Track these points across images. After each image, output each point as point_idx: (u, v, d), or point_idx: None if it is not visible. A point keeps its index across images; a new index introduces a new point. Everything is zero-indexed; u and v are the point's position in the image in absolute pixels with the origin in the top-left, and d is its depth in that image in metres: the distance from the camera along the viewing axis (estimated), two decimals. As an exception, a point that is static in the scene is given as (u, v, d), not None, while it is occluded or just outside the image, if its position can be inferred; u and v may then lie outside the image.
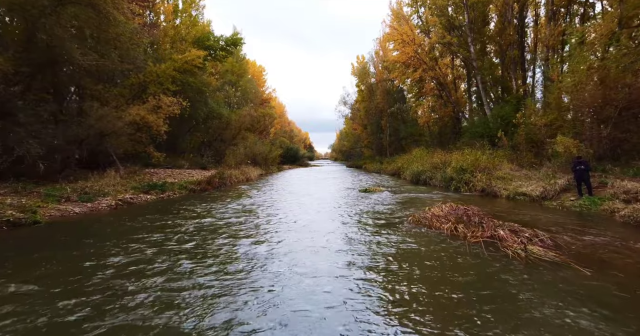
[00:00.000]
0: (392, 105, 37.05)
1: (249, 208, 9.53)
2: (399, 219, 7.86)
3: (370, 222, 7.53)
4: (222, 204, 10.29)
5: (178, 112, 14.25)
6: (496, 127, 20.28)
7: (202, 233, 6.47)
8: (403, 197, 11.97)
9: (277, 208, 9.68)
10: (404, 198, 11.67)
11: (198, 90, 19.91)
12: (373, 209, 9.33)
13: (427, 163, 18.20)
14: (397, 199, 11.36)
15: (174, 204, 10.26)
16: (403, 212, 8.74)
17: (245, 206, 10.00)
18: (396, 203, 10.49)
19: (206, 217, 8.06)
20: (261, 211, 9.12)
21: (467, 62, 24.32)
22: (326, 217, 8.27)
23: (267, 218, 8.08)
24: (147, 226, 7.06)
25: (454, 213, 8.26)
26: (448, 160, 16.98)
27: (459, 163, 14.12)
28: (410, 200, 11.23)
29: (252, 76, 41.67)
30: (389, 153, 36.62)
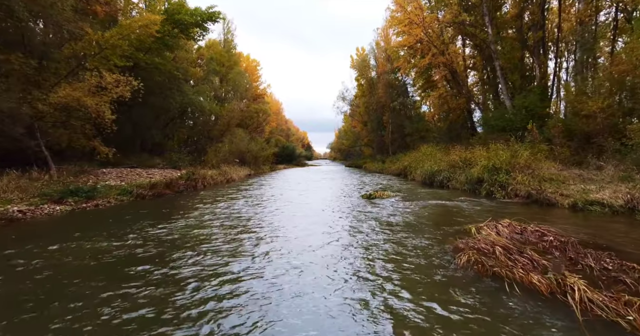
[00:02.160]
0: (395, 99, 33.79)
1: (193, 230, 6.22)
2: (435, 252, 4.56)
3: (389, 265, 4.21)
4: (165, 218, 6.98)
5: (128, 95, 10.91)
6: (520, 119, 17.04)
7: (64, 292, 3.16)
8: (421, 206, 8.66)
9: (239, 228, 6.36)
10: (423, 207, 8.36)
11: (169, 75, 16.58)
12: (385, 228, 6.02)
13: (442, 162, 14.90)
14: (415, 210, 8.05)
15: (86, 219, 6.95)
16: (434, 236, 5.43)
17: (196, 223, 6.69)
18: (416, 216, 7.18)
19: (106, 247, 4.76)
20: (211, 236, 5.81)
21: (481, 47, 21.04)
22: (315, 251, 4.95)
23: (211, 259, 4.77)
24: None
25: (522, 238, 4.98)
26: (469, 158, 13.70)
27: (490, 161, 10.81)
28: (433, 211, 7.92)
29: (245, 70, 38.38)
30: (391, 151, 33.31)
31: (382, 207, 8.52)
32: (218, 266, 4.05)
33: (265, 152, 30.40)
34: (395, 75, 33.82)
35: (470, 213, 7.41)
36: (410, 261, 4.21)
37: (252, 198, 10.08)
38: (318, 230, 6.00)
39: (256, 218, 7.01)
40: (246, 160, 25.41)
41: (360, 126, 43.17)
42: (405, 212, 7.75)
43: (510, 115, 17.88)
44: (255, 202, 9.38)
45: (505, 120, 17.87)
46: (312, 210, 8.13)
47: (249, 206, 8.55)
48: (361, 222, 6.63)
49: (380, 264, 4.13)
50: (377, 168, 29.30)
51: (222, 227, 6.27)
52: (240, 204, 8.75)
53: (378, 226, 6.23)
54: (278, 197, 10.01)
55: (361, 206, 8.70)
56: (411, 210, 7.92)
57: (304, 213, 7.67)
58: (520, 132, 16.37)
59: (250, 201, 9.38)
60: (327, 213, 7.61)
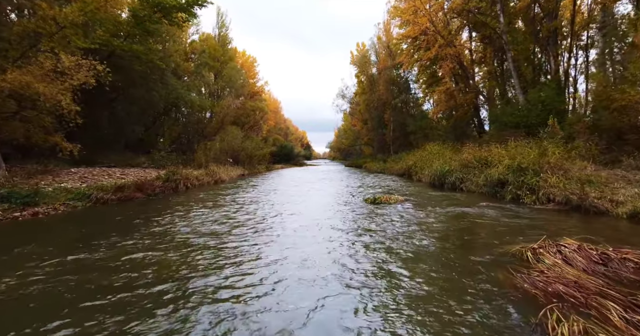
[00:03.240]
0: (397, 96, 32.18)
1: (135, 261, 4.59)
2: (487, 298, 2.92)
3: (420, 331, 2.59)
4: (108, 234, 5.35)
5: (92, 81, 9.26)
6: (535, 114, 15.46)
7: None
8: (439, 214, 7.04)
9: (201, 258, 4.74)
10: (441, 217, 6.74)
11: (152, 66, 14.93)
12: (403, 253, 4.40)
13: (453, 161, 13.29)
14: (433, 220, 6.43)
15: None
16: (472, 263, 3.80)
17: (144, 246, 5.06)
18: (436, 231, 5.55)
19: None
20: (157, 273, 4.19)
21: (491, 38, 19.43)
22: (304, 294, 3.33)
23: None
24: None
25: (609, 270, 3.39)
26: (485, 157, 12.09)
27: (515, 160, 9.18)
28: (456, 222, 6.29)
29: (241, 67, 36.72)
30: (392, 150, 31.70)
31: (391, 215, 6.89)
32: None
33: (261, 150, 28.76)
34: (397, 71, 32.24)
35: (504, 225, 5.79)
36: (455, 320, 2.58)
37: (235, 204, 8.42)
38: (311, 272, 4.37)
39: (232, 240, 5.37)
40: (240, 160, 23.77)
41: (360, 125, 41.56)
42: (422, 223, 6.11)
43: (524, 111, 16.30)
44: (237, 210, 7.73)
45: (519, 116, 16.28)
46: (307, 224, 6.46)
47: (227, 218, 6.89)
48: (369, 243, 4.98)
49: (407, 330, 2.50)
50: (378, 168, 27.69)
51: (176, 255, 4.64)
52: (217, 215, 7.09)
53: (392, 249, 4.60)
54: (266, 204, 8.32)
55: (366, 215, 7.06)
56: (428, 221, 6.29)
57: (296, 230, 6.04)
58: (536, 128, 14.81)
59: (231, 209, 7.73)
60: (325, 230, 5.96)
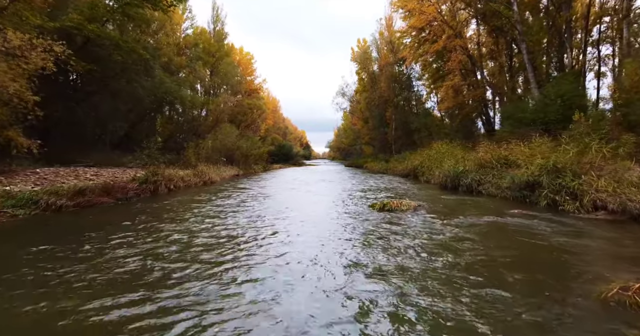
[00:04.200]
0: (399, 93, 30.77)
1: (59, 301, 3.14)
2: None
3: None
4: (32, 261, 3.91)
5: (50, 65, 7.81)
6: (554, 109, 14.04)
7: None
8: (466, 226, 5.60)
9: (154, 297, 3.29)
10: (470, 230, 5.30)
11: (136, 57, 13.46)
12: (439, 298, 2.97)
13: (467, 161, 11.86)
14: (462, 235, 4.98)
15: None
16: (554, 320, 2.37)
17: (88, 277, 3.62)
18: (473, 255, 4.11)
19: None
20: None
21: (503, 29, 18.02)
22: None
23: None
24: None
25: None
26: (504, 156, 10.67)
27: (549, 160, 7.74)
28: (493, 239, 4.85)
29: (238, 64, 35.26)
30: (394, 150, 30.27)
31: (407, 229, 5.44)
32: None
33: (258, 150, 27.29)
34: (400, 68, 30.82)
35: (560, 245, 4.36)
36: None
37: (207, 217, 6.94)
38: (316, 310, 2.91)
39: (203, 266, 3.92)
40: (235, 159, 22.31)
41: (361, 123, 40.12)
42: (452, 243, 4.65)
43: (541, 106, 14.89)
44: (217, 222, 6.26)
45: (536, 111, 14.87)
46: (297, 256, 5.00)
47: (205, 232, 5.42)
48: (383, 275, 3.53)
49: None
50: (380, 168, 26.25)
51: (119, 287, 3.19)
52: (192, 229, 5.62)
53: (418, 291, 3.15)
54: (249, 216, 6.60)
55: (373, 228, 5.60)
56: (458, 237, 4.84)
57: (278, 270, 4.59)
58: (555, 125, 13.43)
59: (210, 221, 6.23)
60: (329, 242, 4.54)
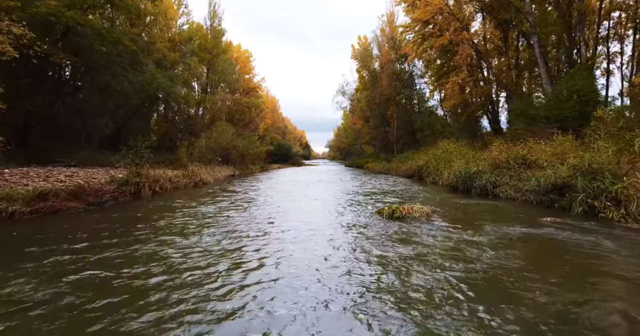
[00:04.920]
0: (401, 92, 29.75)
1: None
2: None
3: None
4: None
5: (10, 50, 6.75)
6: (570, 106, 13.04)
7: None
8: (494, 241, 4.56)
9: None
10: (502, 247, 4.25)
11: (123, 49, 12.40)
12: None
13: (480, 161, 10.83)
14: (493, 254, 3.94)
15: None
16: None
17: None
18: (523, 290, 3.10)
19: None
20: None
21: (512, 23, 16.99)
22: None
23: None
24: None
25: None
26: (523, 155, 9.63)
27: (583, 159, 6.69)
28: (539, 261, 3.82)
29: (236, 61, 34.20)
30: (396, 149, 29.23)
31: (421, 241, 4.41)
32: None
33: (256, 149, 26.24)
34: (402, 66, 29.80)
35: (619, 270, 3.34)
36: None
37: (189, 226, 5.89)
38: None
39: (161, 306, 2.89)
40: (231, 159, 21.26)
41: (361, 123, 39.10)
42: (487, 267, 3.63)
43: (555, 103, 13.88)
44: (180, 244, 5.23)
45: (550, 108, 13.84)
46: (279, 295, 4.00)
47: (155, 262, 4.40)
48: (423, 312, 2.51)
49: None
50: (381, 169, 25.23)
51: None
52: (138, 254, 4.59)
53: None
54: (235, 226, 5.37)
55: (383, 241, 4.56)
56: (489, 257, 3.80)
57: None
58: (571, 122, 12.47)
59: (173, 240, 5.22)
60: (329, 268, 3.53)
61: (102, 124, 13.57)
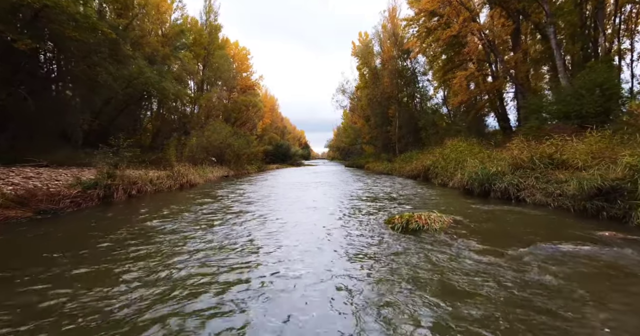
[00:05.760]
0: (402, 90, 28.53)
1: None
2: None
3: None
4: None
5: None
6: (592, 101, 11.83)
7: None
8: (556, 266, 3.34)
9: None
10: (577, 286, 3.04)
11: (103, 37, 11.13)
12: None
13: (498, 161, 9.57)
14: (581, 308, 2.72)
15: None
16: None
17: None
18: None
19: None
20: None
21: (525, 13, 15.75)
22: None
23: None
24: None
25: None
26: (550, 154, 8.39)
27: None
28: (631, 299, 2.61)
29: (233, 59, 32.95)
30: (398, 149, 27.98)
31: (459, 278, 3.18)
32: None
33: (252, 148, 25.01)
34: (404, 63, 28.54)
35: None
36: None
37: (143, 249, 4.63)
38: None
39: None
40: (225, 158, 20.01)
41: (362, 122, 37.86)
42: (561, 318, 2.39)
43: (575, 98, 12.66)
44: (119, 277, 3.98)
45: (569, 103, 12.61)
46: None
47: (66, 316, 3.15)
48: None
49: None
50: (383, 169, 24.00)
51: None
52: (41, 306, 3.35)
53: None
54: (203, 248, 4.06)
55: (404, 281, 3.34)
56: (564, 304, 2.58)
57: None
58: (594, 118, 11.26)
59: (100, 280, 3.98)
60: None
61: (80, 120, 12.28)
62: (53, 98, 12.32)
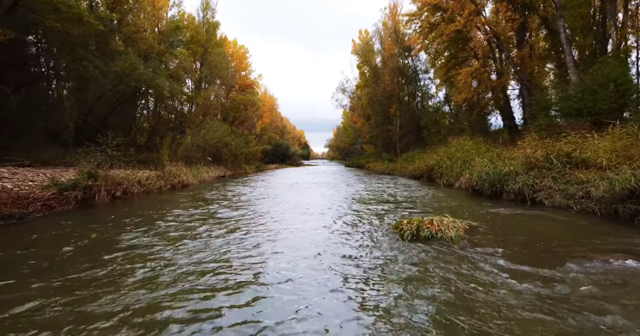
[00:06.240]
0: (403, 88, 27.87)
1: None
2: None
3: None
4: None
5: None
6: (607, 96, 11.15)
7: None
8: (608, 286, 2.68)
9: None
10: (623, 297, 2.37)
11: (88, 27, 10.45)
12: None
13: (509, 160, 8.90)
14: None
15: None
16: None
17: None
18: None
19: None
20: None
21: (532, 6, 15.07)
22: None
23: None
24: None
25: None
26: (568, 152, 7.71)
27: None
28: None
29: (231, 58, 32.26)
30: (399, 148, 27.31)
31: (485, 297, 2.52)
32: None
33: (250, 148, 24.34)
34: (405, 60, 27.87)
35: None
36: None
37: (92, 274, 3.97)
38: None
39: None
40: (222, 158, 19.33)
41: (362, 121, 37.17)
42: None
43: (589, 93, 11.96)
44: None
45: (581, 99, 11.92)
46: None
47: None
48: None
49: None
50: (384, 169, 23.35)
51: None
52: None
53: None
54: (174, 266, 3.27)
55: (422, 309, 2.68)
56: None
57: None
58: (608, 115, 10.60)
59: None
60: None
61: (66, 118, 11.60)
62: (39, 94, 11.64)
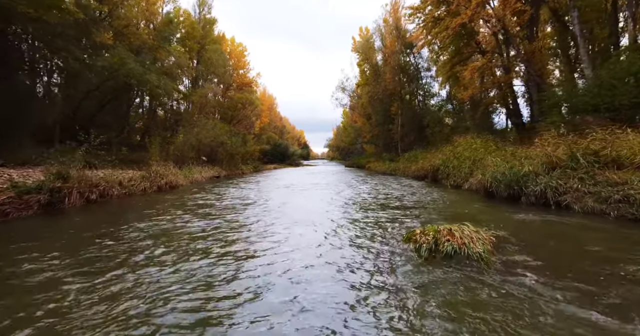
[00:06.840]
0: (405, 86, 27.01)
1: None
2: None
3: None
4: None
5: None
6: (627, 91, 10.29)
7: None
8: None
9: None
10: None
11: (62, 12, 9.56)
12: None
13: (527, 160, 8.04)
14: None
15: None
16: None
17: None
18: None
19: None
20: None
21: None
22: None
23: None
24: None
25: None
26: (592, 151, 6.85)
27: None
28: None
29: (229, 55, 31.40)
30: (400, 148, 26.44)
31: None
32: None
33: (247, 147, 23.47)
34: (407, 58, 27.02)
35: None
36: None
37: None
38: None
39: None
40: (218, 158, 18.46)
41: (362, 120, 36.32)
42: None
43: (607, 88, 11.09)
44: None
45: (598, 95, 11.06)
46: None
47: None
48: None
49: None
50: (385, 169, 22.50)
51: None
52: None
53: None
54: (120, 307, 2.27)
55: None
56: None
57: None
58: (628, 111, 9.77)
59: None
60: None
61: (51, 114, 10.73)
62: (21, 88, 10.78)
